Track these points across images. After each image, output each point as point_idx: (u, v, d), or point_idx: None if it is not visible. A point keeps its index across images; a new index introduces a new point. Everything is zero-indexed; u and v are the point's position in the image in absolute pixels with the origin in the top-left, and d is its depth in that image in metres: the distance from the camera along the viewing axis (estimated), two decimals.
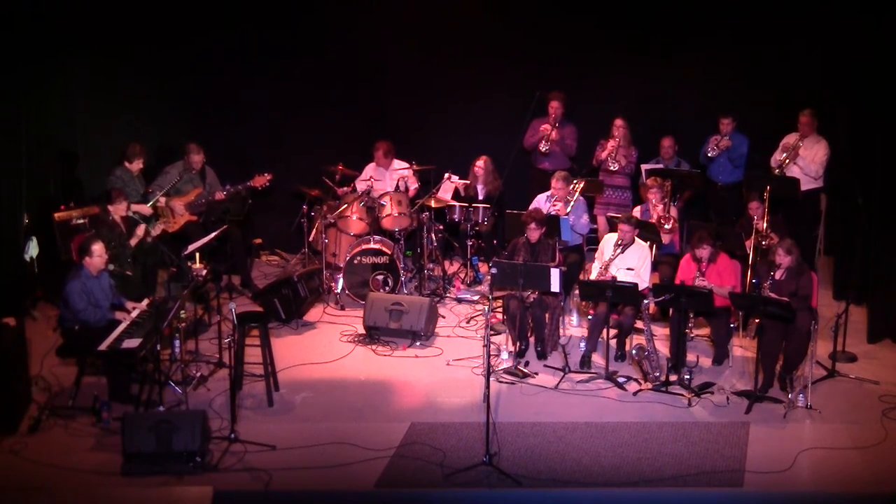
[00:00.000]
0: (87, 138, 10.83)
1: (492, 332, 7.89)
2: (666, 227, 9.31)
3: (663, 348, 8.65)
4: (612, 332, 8.69)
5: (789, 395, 7.83)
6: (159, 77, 10.92)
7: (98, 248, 7.92)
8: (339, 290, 9.97)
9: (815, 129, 9.96)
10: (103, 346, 7.50)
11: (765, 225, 9.03)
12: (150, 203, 9.49)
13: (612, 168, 10.31)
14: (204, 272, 8.57)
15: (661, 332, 8.88)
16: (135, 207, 9.27)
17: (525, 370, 8.46)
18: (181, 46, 10.79)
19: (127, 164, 9.61)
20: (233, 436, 7.23)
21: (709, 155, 10.25)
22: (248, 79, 11.02)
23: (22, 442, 7.31)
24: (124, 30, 10.68)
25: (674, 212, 9.52)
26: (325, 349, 9.01)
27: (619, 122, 10.33)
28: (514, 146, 10.68)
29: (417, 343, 9.05)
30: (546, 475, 6.93)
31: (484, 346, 7.44)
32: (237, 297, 9.39)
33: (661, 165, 10.27)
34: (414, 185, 10.54)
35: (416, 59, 11.08)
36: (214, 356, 8.59)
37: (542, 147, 10.52)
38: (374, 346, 9.04)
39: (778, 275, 8.05)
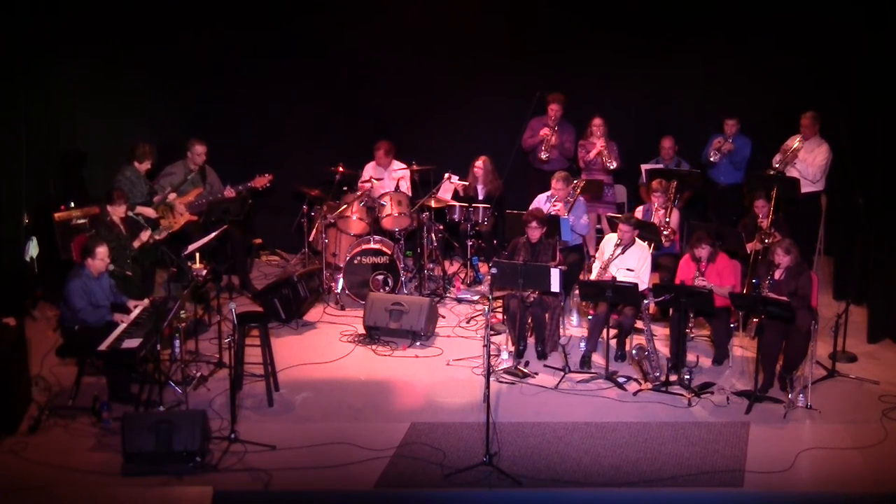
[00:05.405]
0: (88, 138, 10.83)
1: (492, 332, 7.89)
2: (664, 232, 9.32)
3: (663, 348, 8.66)
4: (612, 332, 8.69)
5: (789, 395, 7.83)
6: (159, 77, 10.93)
7: (102, 250, 7.91)
8: (339, 290, 9.97)
9: (816, 131, 9.95)
10: (103, 346, 7.50)
11: (768, 223, 9.05)
12: (160, 202, 9.49)
13: (610, 167, 10.32)
14: (204, 272, 8.56)
15: (661, 332, 8.88)
16: (140, 209, 9.29)
17: (525, 370, 8.46)
18: (181, 46, 10.79)
19: (137, 163, 9.60)
20: (233, 436, 7.23)
21: (711, 159, 10.25)
22: (248, 79, 11.03)
23: (22, 442, 7.30)
24: (125, 29, 10.69)
25: (674, 219, 9.49)
26: (325, 349, 9.01)
27: (597, 120, 10.34)
28: (514, 146, 10.69)
29: (417, 343, 9.05)
30: (546, 475, 6.93)
31: (484, 346, 7.44)
32: (237, 297, 9.39)
33: (661, 165, 10.27)
34: (406, 188, 10.51)
35: (416, 59, 11.09)
36: (214, 356, 8.59)
37: (543, 155, 10.52)
38: (374, 346, 9.04)
39: (777, 275, 8.05)
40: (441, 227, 10.48)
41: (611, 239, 8.92)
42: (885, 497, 6.78)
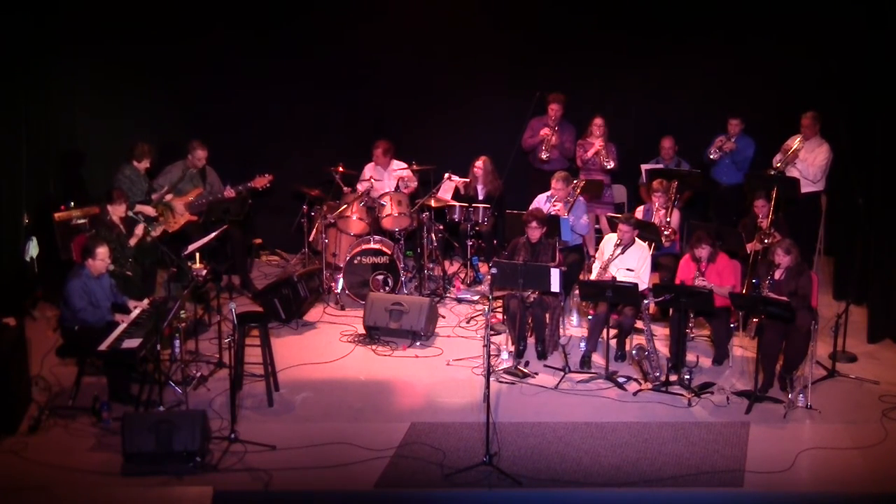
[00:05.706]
0: (88, 138, 10.83)
1: (492, 332, 7.89)
2: (665, 233, 9.32)
3: (663, 348, 8.66)
4: (612, 332, 8.69)
5: (789, 395, 7.83)
6: (160, 76, 10.93)
7: (102, 251, 7.90)
8: (339, 290, 9.97)
9: (817, 131, 9.95)
10: (103, 346, 7.50)
11: (768, 223, 9.05)
12: (158, 200, 9.49)
13: (608, 167, 10.33)
14: (204, 272, 8.56)
15: (661, 332, 8.88)
16: (140, 208, 9.29)
17: (525, 370, 8.46)
18: (181, 46, 10.79)
19: (136, 162, 9.60)
20: (233, 436, 7.23)
21: (711, 157, 10.25)
22: (248, 79, 11.03)
23: (22, 442, 7.30)
24: (125, 29, 10.69)
25: (675, 219, 9.49)
26: (325, 349, 9.01)
27: (598, 120, 10.36)
28: (514, 146, 10.68)
29: (417, 343, 9.05)
30: (546, 475, 6.93)
31: (484, 346, 7.44)
32: (237, 297, 9.39)
33: (661, 165, 10.27)
34: (413, 184, 10.54)
35: (416, 59, 11.09)
36: (214, 356, 8.59)
37: (543, 155, 10.52)
38: (374, 346, 9.04)
39: (777, 275, 8.05)
40: (441, 227, 10.48)
41: (611, 239, 8.92)
42: (885, 497, 6.78)
